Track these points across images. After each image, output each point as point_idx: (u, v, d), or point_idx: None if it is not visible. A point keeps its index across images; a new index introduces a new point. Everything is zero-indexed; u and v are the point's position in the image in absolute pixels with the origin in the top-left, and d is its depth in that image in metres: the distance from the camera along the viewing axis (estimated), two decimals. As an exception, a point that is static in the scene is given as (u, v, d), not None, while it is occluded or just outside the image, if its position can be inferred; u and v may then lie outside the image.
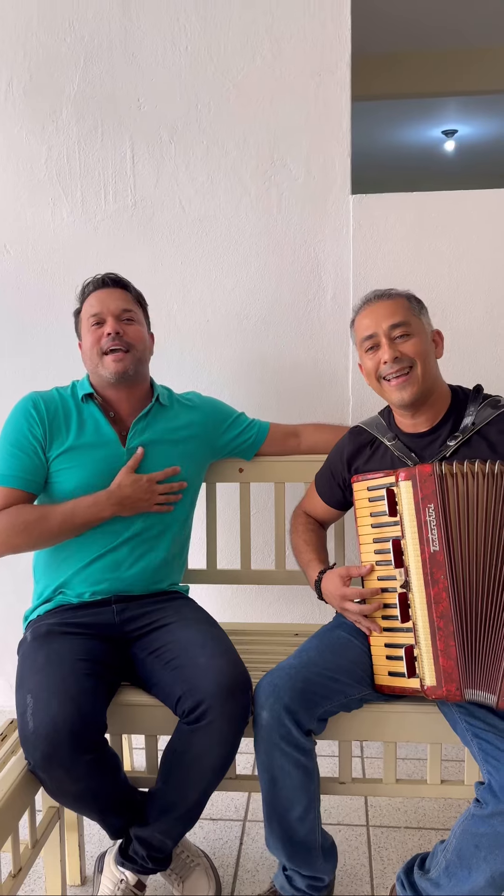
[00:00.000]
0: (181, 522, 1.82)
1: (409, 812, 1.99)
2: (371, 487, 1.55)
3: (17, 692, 1.50)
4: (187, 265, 2.25)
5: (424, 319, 1.63)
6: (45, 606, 1.71)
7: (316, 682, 1.47)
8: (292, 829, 1.50)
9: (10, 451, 1.70)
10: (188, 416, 1.85)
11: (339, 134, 2.17)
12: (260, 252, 2.23)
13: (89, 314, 1.75)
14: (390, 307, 1.58)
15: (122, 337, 1.71)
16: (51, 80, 2.24)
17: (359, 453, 1.70)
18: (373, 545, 1.55)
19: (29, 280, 2.32)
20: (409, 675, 1.46)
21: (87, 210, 2.28)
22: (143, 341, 1.78)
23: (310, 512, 1.85)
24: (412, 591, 1.46)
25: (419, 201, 2.16)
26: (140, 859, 1.55)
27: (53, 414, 1.72)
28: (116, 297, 1.76)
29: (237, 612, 2.35)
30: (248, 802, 2.05)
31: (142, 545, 1.73)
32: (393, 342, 1.56)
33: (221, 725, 1.46)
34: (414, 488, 1.45)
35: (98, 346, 1.72)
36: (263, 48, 2.17)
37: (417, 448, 1.61)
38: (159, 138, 2.23)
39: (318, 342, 2.25)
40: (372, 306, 1.61)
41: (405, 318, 1.57)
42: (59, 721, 1.38)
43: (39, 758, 1.39)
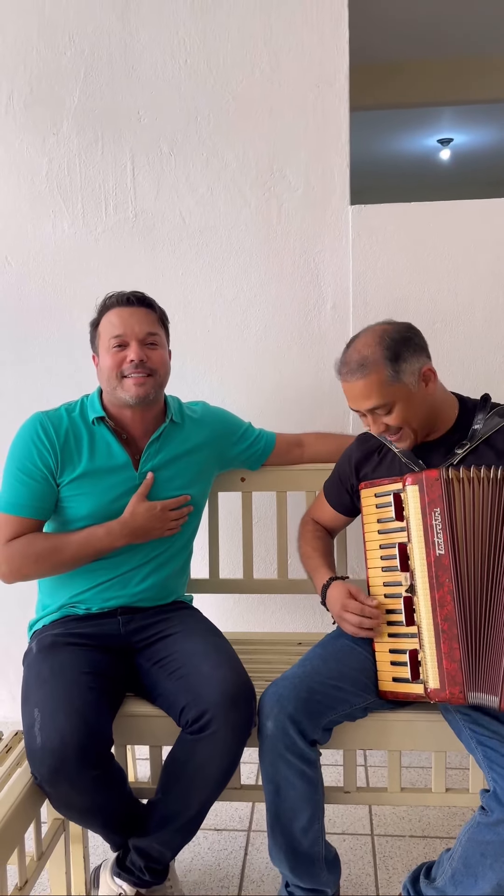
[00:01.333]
0: (189, 538, 1.83)
1: (414, 821, 1.99)
2: (378, 494, 1.57)
3: (23, 705, 1.50)
4: (188, 276, 2.27)
5: (407, 371, 1.52)
6: (50, 617, 1.71)
7: (320, 691, 1.48)
8: (296, 840, 1.50)
9: (18, 478, 1.65)
10: (199, 434, 1.82)
11: (338, 145, 2.18)
12: (260, 262, 2.24)
13: (111, 334, 1.66)
14: (364, 389, 1.52)
15: (145, 364, 1.65)
16: (51, 93, 2.26)
17: (367, 460, 1.71)
18: (379, 551, 1.56)
19: (30, 292, 2.33)
20: (413, 679, 1.47)
21: (87, 222, 2.29)
22: (166, 365, 1.72)
23: (318, 519, 1.86)
24: (417, 595, 1.47)
25: (417, 211, 2.18)
26: (137, 870, 1.55)
27: (64, 438, 1.67)
28: (141, 319, 1.68)
29: (239, 621, 2.35)
30: (252, 812, 2.05)
31: (152, 563, 1.73)
32: (377, 416, 1.56)
33: (225, 735, 1.46)
34: (421, 493, 1.47)
35: (119, 370, 1.65)
36: (262, 61, 2.19)
37: (425, 455, 1.62)
38: (159, 150, 2.25)
39: (319, 351, 2.26)
40: (348, 384, 1.55)
41: (380, 399, 1.52)
42: (66, 735, 1.38)
43: (46, 772, 1.39)
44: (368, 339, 1.55)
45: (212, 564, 2.06)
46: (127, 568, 1.70)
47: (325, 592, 1.65)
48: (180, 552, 1.79)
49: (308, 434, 2.02)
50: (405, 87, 4.89)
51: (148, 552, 1.72)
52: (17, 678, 1.68)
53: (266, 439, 1.96)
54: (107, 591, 1.69)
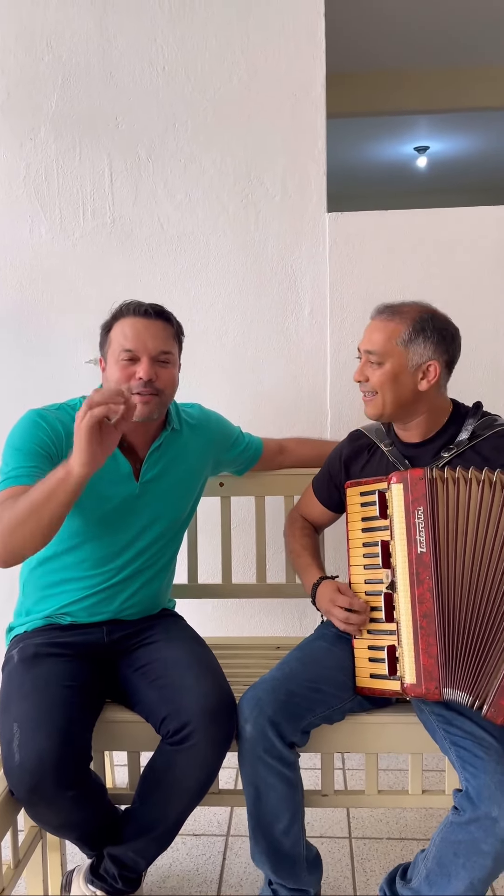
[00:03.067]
0: (176, 551, 1.81)
1: (392, 823, 2.01)
2: (364, 493, 1.59)
3: (1, 717, 1.47)
4: (165, 281, 2.27)
5: (415, 351, 1.57)
6: (33, 623, 1.67)
7: (299, 693, 1.49)
8: (277, 841, 1.51)
9: (17, 456, 1.55)
10: (198, 440, 1.79)
11: (315, 153, 2.21)
12: (238, 269, 2.26)
13: (122, 346, 1.59)
14: (377, 329, 1.59)
15: (153, 383, 1.59)
16: (29, 98, 2.26)
17: (356, 457, 1.73)
18: (361, 549, 1.58)
19: (7, 297, 2.32)
20: (390, 674, 1.48)
21: (65, 227, 2.29)
22: (174, 384, 1.66)
23: (305, 515, 1.87)
24: (397, 592, 1.49)
25: (394, 219, 2.21)
26: (111, 878, 1.54)
27: (66, 433, 1.57)
28: (156, 334, 1.61)
29: (218, 625, 2.35)
30: (230, 817, 2.05)
31: (142, 576, 1.70)
32: (365, 365, 1.60)
33: (205, 748, 1.45)
34: (405, 491, 1.49)
35: (126, 385, 1.57)
36: (240, 69, 2.21)
37: (412, 456, 1.65)
38: (137, 156, 2.25)
39: (297, 357, 2.28)
40: (372, 320, 1.63)
41: (379, 346, 1.57)
42: (45, 756, 1.35)
43: (23, 791, 1.37)
44: (419, 304, 1.63)
45: (190, 569, 2.07)
46: (115, 581, 1.67)
47: (315, 590, 1.66)
48: (168, 564, 1.78)
49: (289, 440, 2.04)
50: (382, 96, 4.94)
51: (139, 563, 1.69)
52: (-5, 685, 1.67)
53: (255, 446, 1.96)
54: (95, 606, 1.67)
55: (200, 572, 2.08)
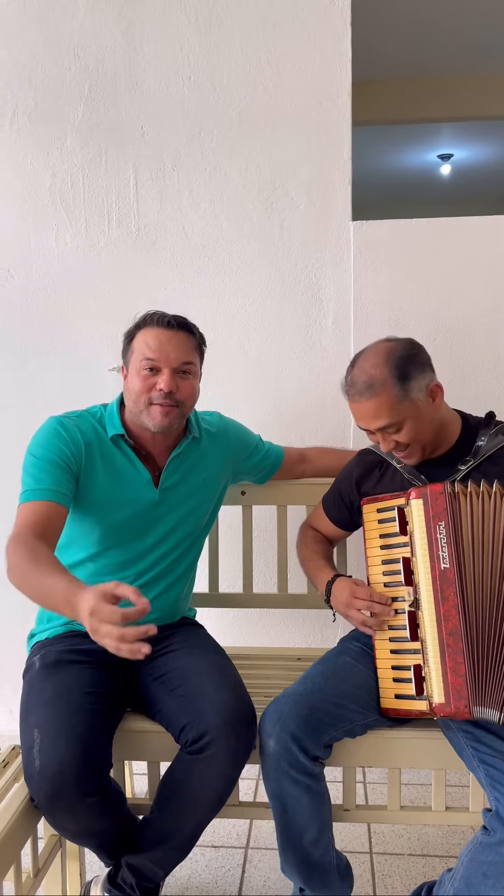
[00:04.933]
0: (195, 557, 1.81)
1: (413, 839, 1.98)
2: (381, 509, 1.57)
3: (22, 722, 1.48)
4: (189, 290, 2.27)
5: (415, 389, 1.53)
6: (54, 630, 1.68)
7: (321, 709, 1.47)
8: (307, 853, 1.49)
9: (40, 466, 1.56)
10: (217, 448, 1.79)
11: (340, 161, 2.20)
12: (262, 277, 2.25)
13: (144, 355, 1.59)
14: (373, 409, 1.53)
15: (174, 395, 1.60)
16: (56, 108, 2.27)
17: (368, 475, 1.71)
18: (381, 566, 1.56)
19: (32, 305, 2.33)
20: (417, 695, 1.46)
21: (90, 236, 2.30)
22: (195, 396, 1.67)
23: (317, 529, 1.86)
24: (421, 609, 1.47)
25: (419, 228, 2.19)
26: (129, 888, 1.53)
27: (85, 441, 1.61)
28: (178, 345, 1.61)
29: (238, 635, 2.34)
30: (249, 829, 2.03)
31: (162, 583, 1.71)
32: (387, 435, 1.56)
33: (223, 758, 1.44)
34: (425, 506, 1.47)
35: (147, 396, 1.60)
36: (265, 77, 2.21)
37: (427, 471, 1.62)
38: (162, 165, 2.26)
39: (320, 365, 2.27)
40: (357, 404, 1.56)
41: (390, 418, 1.52)
42: (65, 763, 1.35)
43: (43, 797, 1.37)
44: (375, 358, 1.54)
45: (211, 578, 2.06)
46: (138, 585, 1.67)
47: (329, 589, 1.64)
48: (188, 571, 1.78)
49: (311, 449, 2.03)
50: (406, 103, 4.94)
51: (159, 569, 1.69)
52: (14, 692, 1.68)
53: (275, 454, 1.96)
54: None
55: (221, 581, 2.07)
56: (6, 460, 2.35)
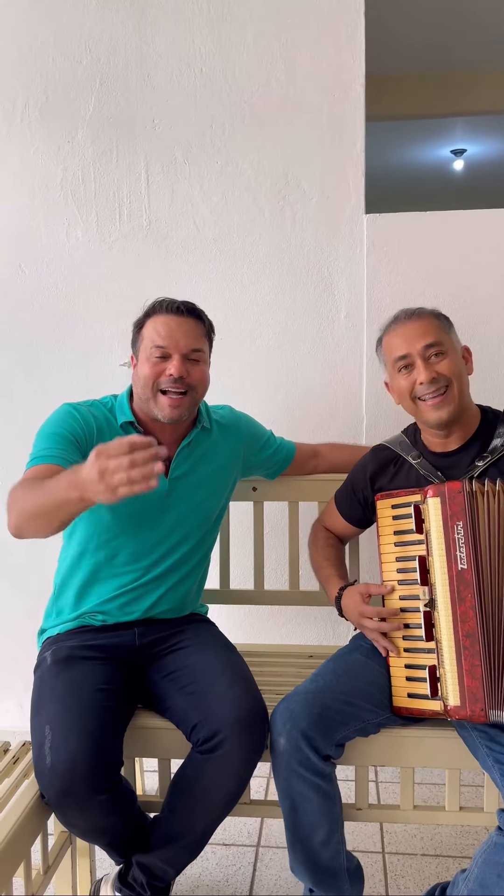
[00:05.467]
0: (208, 549, 1.80)
1: (426, 839, 1.95)
2: (396, 505, 1.54)
3: (33, 718, 1.47)
4: (201, 284, 2.26)
5: (454, 337, 1.61)
6: (65, 626, 1.67)
7: (333, 707, 1.45)
8: (316, 854, 1.48)
9: (50, 438, 1.55)
10: (227, 440, 1.79)
11: (353, 154, 2.18)
12: (273, 271, 2.23)
13: (154, 342, 1.59)
14: (422, 327, 1.56)
15: (184, 380, 1.59)
16: (67, 101, 2.26)
17: (382, 471, 1.68)
18: (395, 563, 1.54)
19: (43, 300, 2.32)
20: (432, 696, 1.44)
21: (101, 230, 2.29)
22: (205, 382, 1.66)
23: (329, 527, 1.84)
24: (437, 610, 1.44)
25: (433, 221, 2.17)
26: (139, 886, 1.52)
27: (97, 427, 1.61)
28: (188, 332, 1.61)
29: (250, 632, 2.32)
30: (261, 827, 2.02)
31: (173, 576, 1.69)
32: (428, 362, 1.55)
33: (235, 758, 1.43)
34: (443, 505, 1.44)
35: (156, 382, 1.59)
36: (278, 69, 2.18)
37: (444, 467, 1.60)
38: (174, 159, 2.24)
39: (332, 360, 2.24)
40: (402, 326, 1.59)
41: (438, 337, 1.55)
42: (77, 760, 1.34)
43: (54, 794, 1.36)
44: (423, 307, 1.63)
45: (222, 575, 2.04)
46: (147, 580, 1.67)
47: (339, 603, 1.63)
48: (199, 564, 1.77)
49: (323, 444, 2.01)
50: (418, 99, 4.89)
51: (172, 560, 1.68)
52: (26, 689, 1.66)
53: (287, 449, 1.94)
54: (127, 605, 1.66)
55: (232, 578, 2.06)
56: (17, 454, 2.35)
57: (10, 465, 2.38)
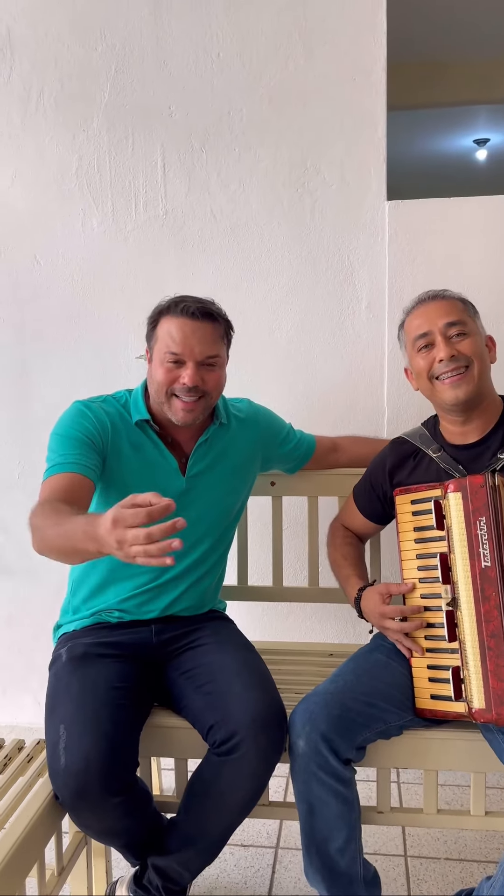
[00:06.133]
0: (227, 547, 1.76)
1: (450, 842, 1.90)
2: (415, 500, 1.49)
3: (48, 717, 1.45)
4: (218, 274, 2.22)
5: (478, 323, 1.57)
6: (81, 622, 1.64)
7: (353, 708, 1.41)
8: (332, 860, 1.43)
9: (64, 442, 1.52)
10: (246, 435, 1.74)
11: (375, 139, 2.12)
12: (292, 261, 2.18)
13: (168, 348, 1.53)
14: (445, 307, 1.53)
15: (198, 388, 1.54)
16: (82, 89, 2.23)
17: (402, 465, 1.63)
18: (416, 561, 1.49)
19: (59, 291, 2.29)
20: (455, 698, 1.39)
21: (117, 220, 2.25)
22: (220, 387, 1.61)
23: (348, 525, 1.79)
24: (460, 609, 1.39)
25: (457, 207, 2.10)
26: (154, 890, 1.49)
27: (111, 424, 1.57)
28: (202, 338, 1.54)
29: (268, 629, 2.29)
30: (280, 828, 1.98)
31: (192, 574, 1.66)
32: (449, 340, 1.50)
33: (254, 760, 1.39)
34: (464, 500, 1.39)
35: (169, 388, 1.55)
36: (296, 53, 2.13)
37: (465, 460, 1.54)
38: (191, 146, 2.20)
39: (353, 352, 2.19)
40: (425, 306, 1.55)
41: (461, 317, 1.52)
42: (92, 760, 1.31)
43: (68, 795, 1.33)
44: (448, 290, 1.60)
45: (240, 571, 2.01)
46: (165, 580, 1.63)
47: (359, 604, 1.58)
48: (218, 561, 1.73)
49: (343, 438, 1.96)
50: (440, 86, 4.81)
51: (192, 557, 1.64)
52: (42, 685, 1.64)
53: (307, 443, 1.89)
54: (145, 605, 1.63)
55: (250, 574, 2.02)
56: (33, 447, 2.34)
57: (27, 458, 2.36)
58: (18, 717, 2.48)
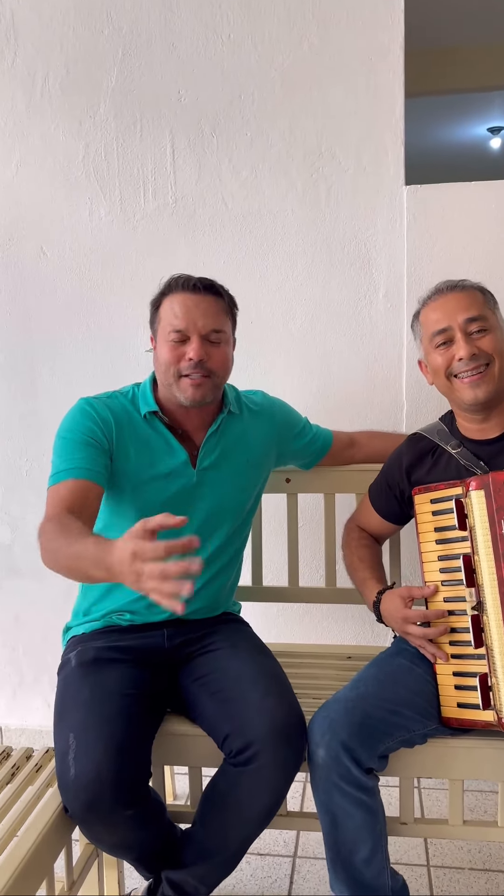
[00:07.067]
0: (241, 546, 1.70)
1: (474, 852, 1.84)
2: (435, 500, 1.42)
3: (57, 723, 1.39)
4: (230, 264, 2.14)
5: (498, 315, 1.50)
6: (91, 625, 1.59)
7: (376, 716, 1.35)
8: (359, 872, 1.38)
9: (70, 446, 1.47)
10: (260, 427, 1.68)
11: (392, 121, 2.04)
12: (307, 248, 2.11)
13: (172, 325, 1.50)
14: (465, 299, 1.45)
15: (204, 364, 1.49)
16: (88, 74, 2.15)
17: (419, 462, 1.56)
18: (437, 563, 1.42)
19: (66, 283, 2.23)
20: (483, 707, 1.32)
21: (125, 209, 2.18)
22: (227, 364, 1.56)
23: (363, 526, 1.72)
24: (486, 613, 1.32)
25: (478, 191, 2.02)
26: None
27: (117, 422, 1.52)
28: (206, 311, 1.50)
29: (283, 630, 2.22)
30: (297, 837, 1.92)
31: (206, 573, 1.59)
32: (469, 337, 1.43)
33: (271, 772, 1.33)
34: (487, 498, 1.32)
35: (176, 367, 1.50)
36: (310, 33, 2.05)
37: (486, 456, 1.47)
38: (201, 132, 2.13)
39: (370, 343, 2.11)
40: (444, 298, 1.47)
41: (481, 311, 1.44)
42: (103, 771, 1.25)
43: (78, 808, 1.28)
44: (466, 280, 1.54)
45: (255, 571, 1.95)
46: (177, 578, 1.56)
47: (378, 608, 1.51)
48: (232, 561, 1.66)
49: (361, 433, 1.89)
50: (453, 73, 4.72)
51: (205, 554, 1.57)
52: (52, 686, 1.59)
53: (324, 438, 1.82)
54: (156, 605, 1.55)
55: (265, 574, 1.96)
56: (41, 443, 2.28)
57: (35, 453, 2.31)
58: (28, 720, 2.43)
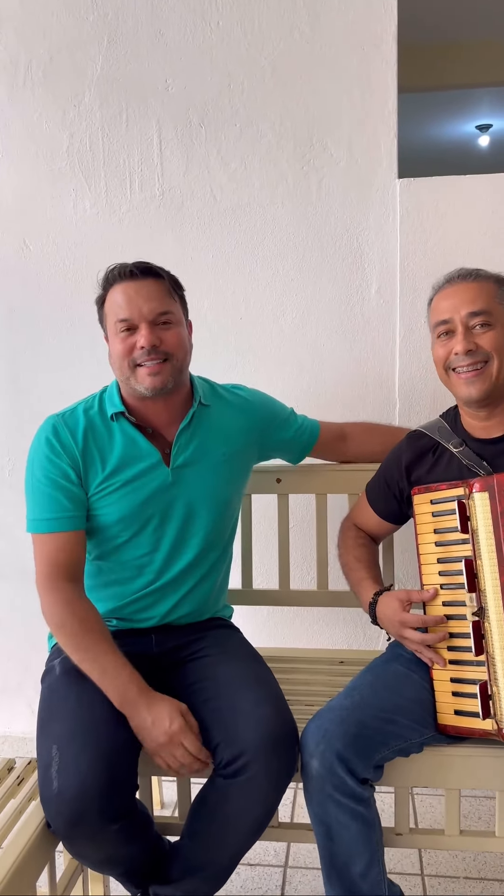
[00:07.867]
0: (227, 543, 1.64)
1: (468, 860, 1.80)
2: (436, 500, 1.37)
3: (39, 733, 1.34)
4: (219, 258, 2.09)
5: None
6: None
7: (371, 725, 1.30)
8: (355, 885, 1.33)
9: (43, 493, 1.46)
10: (237, 420, 1.61)
11: (385, 113, 1.99)
12: (298, 243, 2.06)
13: (117, 316, 1.45)
14: (473, 291, 1.39)
15: (158, 348, 1.44)
16: (72, 62, 2.10)
17: (420, 461, 1.51)
18: (437, 566, 1.37)
19: (49, 278, 2.17)
20: (483, 716, 1.27)
21: (111, 201, 2.13)
22: (183, 345, 1.49)
23: (360, 525, 1.67)
24: (488, 619, 1.28)
25: (474, 185, 1.98)
26: None
27: (83, 443, 1.47)
28: (148, 295, 1.45)
29: (274, 634, 2.17)
30: (288, 847, 1.87)
31: (191, 578, 1.54)
32: (469, 331, 1.38)
33: (262, 783, 1.28)
34: (492, 500, 1.27)
35: (130, 358, 1.45)
36: (301, 21, 2.00)
37: (489, 456, 1.42)
38: (188, 122, 2.07)
39: (362, 340, 2.07)
40: (453, 288, 1.42)
41: (487, 305, 1.39)
42: (87, 784, 1.20)
43: (62, 824, 1.22)
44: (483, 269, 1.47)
45: (245, 574, 1.90)
46: (163, 582, 1.52)
47: (374, 610, 1.46)
48: (218, 563, 1.61)
49: (354, 425, 1.82)
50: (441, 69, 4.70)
51: (189, 557, 1.53)
52: (37, 692, 1.53)
53: (310, 429, 1.75)
54: (142, 612, 1.53)
55: (255, 577, 1.91)
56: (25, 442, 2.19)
57: (17, 454, 2.25)
58: (12, 727, 2.38)
